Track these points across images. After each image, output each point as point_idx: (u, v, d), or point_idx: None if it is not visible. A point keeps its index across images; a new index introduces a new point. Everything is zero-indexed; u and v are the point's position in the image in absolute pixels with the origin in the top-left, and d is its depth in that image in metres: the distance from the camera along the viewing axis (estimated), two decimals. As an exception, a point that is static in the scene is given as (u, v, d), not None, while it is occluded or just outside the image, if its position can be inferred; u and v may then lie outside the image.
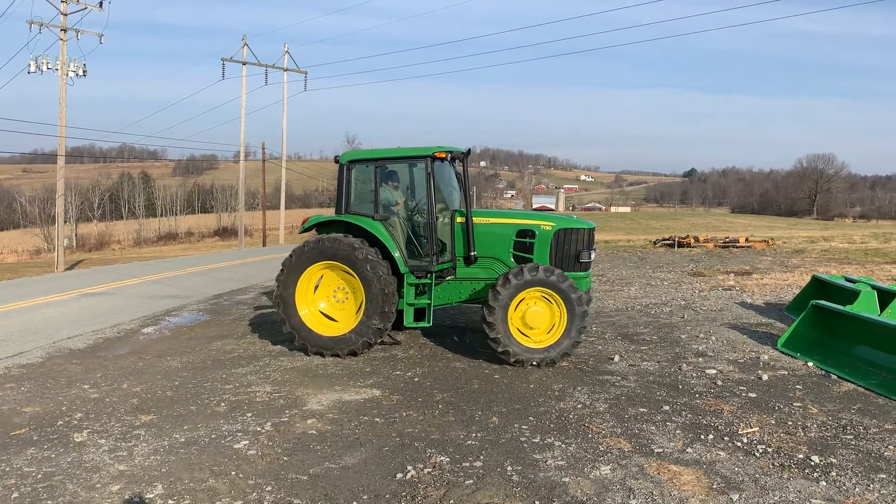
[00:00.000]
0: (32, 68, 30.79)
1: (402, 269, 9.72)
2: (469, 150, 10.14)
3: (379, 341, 9.90)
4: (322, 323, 9.99)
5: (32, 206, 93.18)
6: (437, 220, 9.77)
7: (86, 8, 31.02)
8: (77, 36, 31.44)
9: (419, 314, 9.88)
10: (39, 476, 5.82)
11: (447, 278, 10.08)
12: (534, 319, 9.07)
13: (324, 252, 9.75)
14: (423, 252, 9.82)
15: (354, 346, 9.67)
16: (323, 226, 10.28)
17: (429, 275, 9.75)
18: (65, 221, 33.22)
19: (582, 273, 9.79)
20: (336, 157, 10.34)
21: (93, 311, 14.67)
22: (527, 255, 9.77)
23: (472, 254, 9.80)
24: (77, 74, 31.47)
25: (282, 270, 9.93)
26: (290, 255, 9.94)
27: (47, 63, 30.88)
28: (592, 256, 9.90)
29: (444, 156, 9.68)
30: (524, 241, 9.81)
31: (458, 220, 9.92)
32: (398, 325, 10.43)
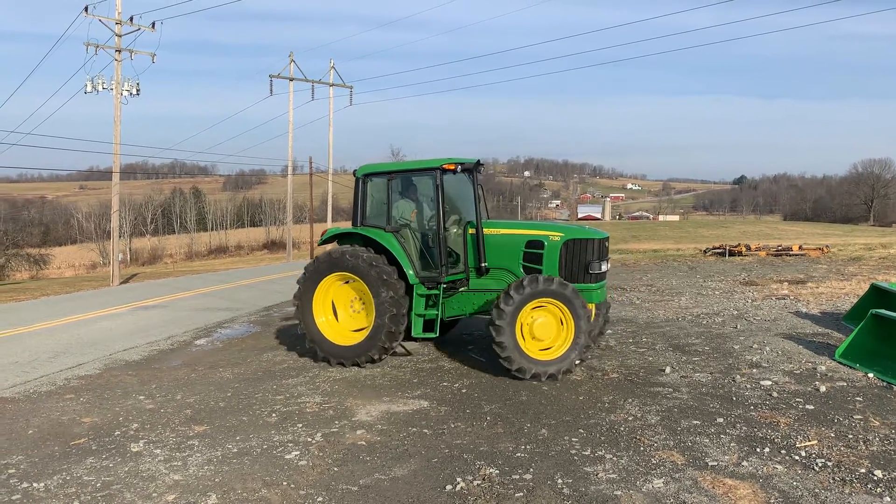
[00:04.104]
0: (89, 88, 31.73)
1: (412, 279, 9.80)
2: (479, 160, 10.12)
3: (396, 330, 9.73)
4: (342, 334, 10.22)
5: (88, 221, 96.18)
6: (447, 231, 9.85)
7: (139, 29, 31.91)
8: (131, 56, 32.35)
9: (431, 326, 9.93)
10: (98, 485, 5.97)
11: (460, 289, 10.09)
12: (541, 331, 8.96)
13: (319, 269, 10.06)
14: (434, 263, 9.87)
15: (371, 350, 9.77)
16: (342, 239, 10.52)
17: (438, 286, 9.79)
18: (119, 236, 34.10)
19: (593, 284, 9.60)
20: (354, 170, 10.59)
21: (147, 324, 15.02)
22: (536, 266, 9.64)
23: (483, 265, 9.78)
24: (131, 93, 32.37)
25: (295, 296, 10.29)
26: (297, 283, 10.29)
27: (103, 83, 31.80)
28: (605, 267, 9.70)
29: (452, 168, 9.73)
30: (534, 252, 9.69)
31: (471, 231, 9.92)
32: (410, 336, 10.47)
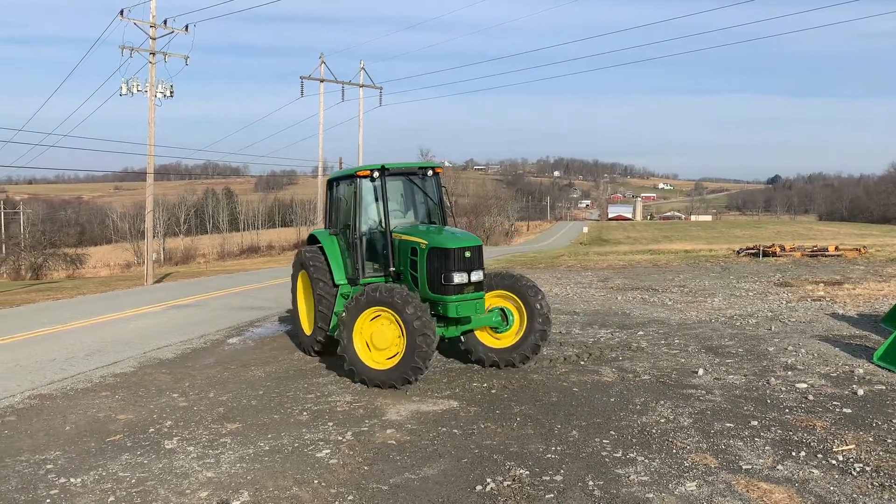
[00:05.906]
0: (124, 91, 32.19)
1: (337, 279, 10.22)
2: (383, 165, 9.97)
3: (328, 321, 10.26)
4: (309, 326, 11.13)
5: (123, 222, 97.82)
6: (365, 235, 10.01)
7: (173, 32, 32.30)
8: (165, 59, 32.72)
9: None
10: (133, 481, 6.07)
11: None
12: (380, 340, 8.86)
13: (294, 268, 11.25)
14: (356, 266, 10.05)
15: (312, 342, 10.80)
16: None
17: (354, 287, 9.96)
18: (153, 236, 34.61)
19: (451, 296, 9.05)
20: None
21: (180, 323, 15.23)
22: (416, 274, 9.38)
23: (391, 269, 9.71)
24: (165, 95, 32.77)
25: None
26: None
27: (137, 85, 32.23)
28: (460, 279, 9.04)
29: (366, 174, 9.79)
30: (414, 259, 9.41)
31: (401, 236, 9.70)
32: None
